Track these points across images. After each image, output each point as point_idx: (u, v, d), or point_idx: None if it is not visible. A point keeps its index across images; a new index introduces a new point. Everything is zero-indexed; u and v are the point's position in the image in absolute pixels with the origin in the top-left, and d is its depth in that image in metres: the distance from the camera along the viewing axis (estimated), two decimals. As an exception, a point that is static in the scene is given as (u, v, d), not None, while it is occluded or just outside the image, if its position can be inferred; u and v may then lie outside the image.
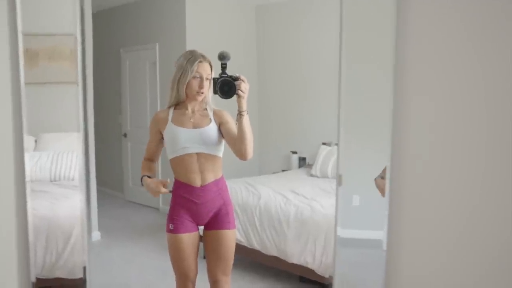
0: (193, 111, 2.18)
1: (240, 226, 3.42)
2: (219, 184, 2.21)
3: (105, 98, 5.83)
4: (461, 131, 1.25)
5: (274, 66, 5.17)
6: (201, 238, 2.29)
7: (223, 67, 2.02)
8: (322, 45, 4.67)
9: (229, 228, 2.21)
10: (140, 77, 5.44)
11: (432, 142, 1.29)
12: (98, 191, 4.93)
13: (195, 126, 2.15)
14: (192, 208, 2.17)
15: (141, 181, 2.19)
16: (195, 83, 2.12)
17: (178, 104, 2.20)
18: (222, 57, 2.00)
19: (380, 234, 1.97)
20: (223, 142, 2.19)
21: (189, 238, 2.19)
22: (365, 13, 1.49)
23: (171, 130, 2.15)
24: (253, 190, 3.53)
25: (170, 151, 2.17)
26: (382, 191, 1.78)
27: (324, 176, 4.06)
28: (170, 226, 2.19)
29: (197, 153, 2.13)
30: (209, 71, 2.13)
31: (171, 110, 2.20)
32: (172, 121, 2.17)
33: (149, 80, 5.30)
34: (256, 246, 3.34)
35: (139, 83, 5.45)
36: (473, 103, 1.23)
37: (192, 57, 2.12)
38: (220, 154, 2.19)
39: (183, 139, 2.12)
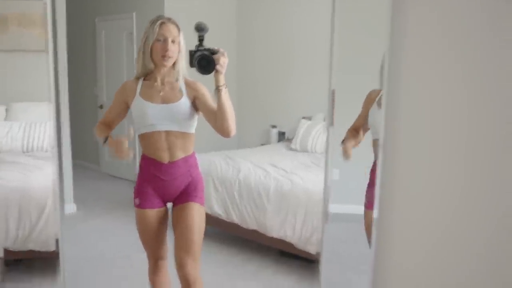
0: (162, 83, 2.00)
1: (220, 199, 3.39)
2: (188, 161, 2.06)
3: (80, 69, 5.66)
4: (457, 110, 1.22)
5: (254, 38, 5.07)
6: None
7: (200, 39, 1.86)
8: (305, 16, 4.59)
9: (195, 201, 2.05)
10: (116, 47, 5.28)
11: (426, 119, 1.25)
12: (74, 164, 4.82)
13: (165, 100, 1.97)
14: (159, 184, 2.04)
15: (104, 141, 2.01)
16: (158, 46, 1.92)
17: (148, 75, 2.02)
18: (200, 28, 1.85)
19: (361, 209, 1.97)
20: (196, 117, 2.03)
21: (156, 213, 2.07)
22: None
23: (138, 105, 1.98)
24: (232, 164, 3.48)
25: (137, 127, 2.02)
26: (345, 154, 1.84)
27: (304, 150, 4.04)
28: (136, 201, 2.07)
29: (166, 131, 1.97)
30: (175, 33, 1.93)
31: (140, 82, 2.02)
32: (140, 94, 1.99)
33: (126, 51, 5.14)
34: (235, 219, 3.31)
35: (115, 54, 5.29)
36: (470, 83, 1.20)
37: (156, 19, 1.94)
38: (192, 131, 2.04)
39: (151, 115, 1.95)
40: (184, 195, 2.06)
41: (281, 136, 4.90)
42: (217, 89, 1.84)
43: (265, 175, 3.25)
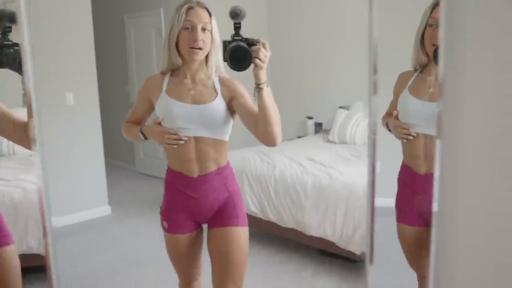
0: (193, 80, 1.68)
1: (255, 197, 3.23)
2: (223, 172, 1.72)
3: (110, 68, 5.62)
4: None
5: (286, 24, 4.87)
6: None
7: (237, 27, 1.53)
8: (340, 4, 4.36)
9: (237, 225, 1.72)
10: (146, 45, 5.20)
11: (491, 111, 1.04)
12: (108, 163, 4.79)
13: (196, 101, 1.66)
14: (189, 203, 1.71)
15: (142, 134, 1.75)
16: (186, 36, 1.59)
17: (175, 70, 1.71)
18: (235, 13, 1.53)
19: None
20: (231, 122, 1.71)
21: (187, 238, 1.76)
22: None
23: (164, 103, 1.67)
24: (267, 159, 3.31)
25: None
26: (394, 130, 1.68)
27: (342, 142, 3.82)
28: (164, 224, 1.76)
29: (195, 137, 1.66)
30: (205, 19, 1.60)
31: (167, 77, 1.71)
32: (166, 91, 1.68)
33: (156, 47, 5.05)
34: (272, 218, 3.14)
35: (145, 51, 5.21)
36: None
37: (182, 3, 1.62)
38: (226, 138, 1.71)
39: (178, 116, 1.64)
40: (222, 217, 1.73)
41: (318, 127, 4.69)
42: (258, 88, 1.50)
43: (302, 170, 3.07)
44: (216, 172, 1.70)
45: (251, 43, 1.50)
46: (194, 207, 1.72)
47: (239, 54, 1.47)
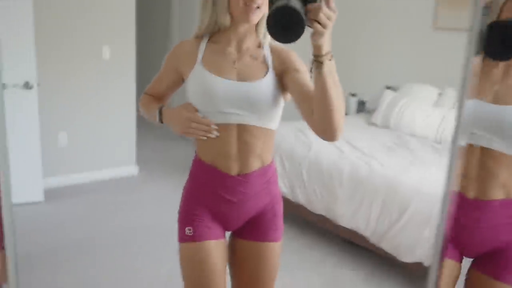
0: (239, 49, 1.32)
1: (286, 177, 3.04)
2: (267, 173, 1.38)
3: (152, 23, 5.44)
4: None
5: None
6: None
7: None
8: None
9: (275, 240, 1.42)
10: (190, 9, 4.97)
11: None
12: (140, 121, 4.69)
13: (242, 77, 1.30)
14: (222, 207, 1.37)
15: (160, 116, 1.41)
16: None
17: (215, 34, 1.35)
18: None
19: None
20: (282, 105, 1.36)
21: (214, 247, 1.37)
22: None
23: (199, 79, 1.30)
24: (303, 138, 3.10)
25: None
26: None
27: (386, 126, 3.56)
28: (188, 231, 1.37)
29: (238, 125, 1.31)
30: None
31: (203, 44, 1.34)
32: (203, 62, 1.32)
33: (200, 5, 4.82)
34: (302, 201, 2.96)
35: (189, 7, 4.99)
36: None
37: None
38: (275, 126, 1.37)
39: (220, 97, 1.28)
40: (260, 227, 1.41)
41: (361, 106, 4.42)
42: (317, 62, 1.08)
43: (339, 155, 2.85)
44: (260, 172, 1.36)
45: None
46: (228, 213, 1.38)
47: (285, 19, 0.98)
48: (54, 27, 3.41)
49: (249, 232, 1.41)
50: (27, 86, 3.10)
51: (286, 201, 3.06)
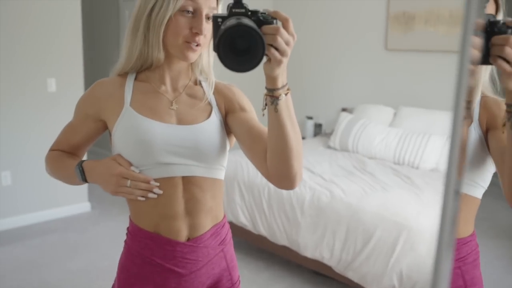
0: (175, 88, 1.13)
1: (246, 208, 2.94)
2: (221, 231, 1.17)
3: (103, 53, 5.28)
4: None
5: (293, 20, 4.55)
6: None
7: None
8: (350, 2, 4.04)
9: None
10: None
11: None
12: (92, 152, 4.48)
13: (182, 120, 1.10)
14: (172, 283, 1.11)
15: (80, 171, 1.12)
16: (183, 22, 1.03)
17: (142, 71, 1.14)
18: None
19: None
20: (227, 149, 1.16)
21: None
22: None
23: (131, 125, 1.07)
24: (261, 166, 3.01)
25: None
26: None
27: (344, 149, 3.53)
28: None
29: (183, 178, 1.09)
30: (213, 3, 1.05)
31: (130, 82, 1.13)
32: (132, 104, 1.09)
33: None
34: (263, 232, 2.86)
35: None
36: None
37: None
38: (222, 176, 1.16)
39: (158, 145, 1.06)
40: None
41: (318, 128, 4.41)
42: (271, 97, 0.90)
43: (299, 183, 2.77)
44: (212, 232, 1.14)
45: (262, 20, 0.84)
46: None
47: (240, 42, 0.78)
48: (-8, 61, 3.22)
49: None
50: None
51: (248, 233, 2.97)
